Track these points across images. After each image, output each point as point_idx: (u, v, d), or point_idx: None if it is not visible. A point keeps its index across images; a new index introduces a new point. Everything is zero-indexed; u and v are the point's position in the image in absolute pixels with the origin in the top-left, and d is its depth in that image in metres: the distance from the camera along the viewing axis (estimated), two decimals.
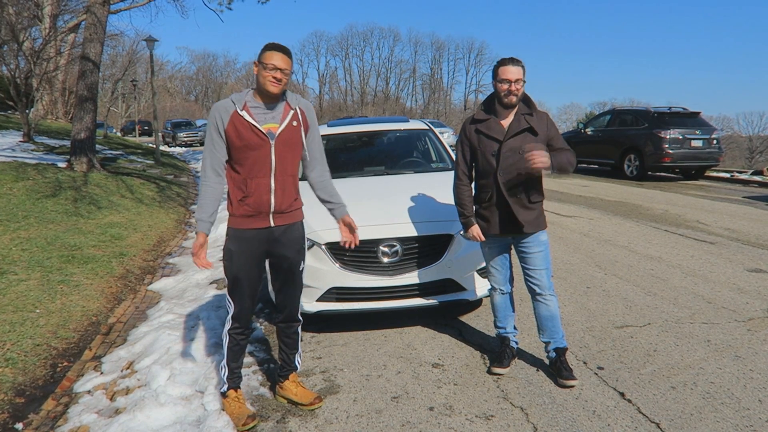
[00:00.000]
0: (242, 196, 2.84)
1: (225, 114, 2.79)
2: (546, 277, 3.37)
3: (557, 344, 3.40)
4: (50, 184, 8.96)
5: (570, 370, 3.33)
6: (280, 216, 2.93)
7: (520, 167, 3.19)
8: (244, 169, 2.83)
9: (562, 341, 3.41)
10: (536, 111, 3.29)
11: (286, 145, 2.86)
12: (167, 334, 4.07)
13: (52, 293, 4.85)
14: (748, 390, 3.16)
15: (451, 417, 3.01)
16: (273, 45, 2.79)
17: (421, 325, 4.30)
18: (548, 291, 3.37)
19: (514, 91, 3.16)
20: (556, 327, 3.40)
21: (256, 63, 2.80)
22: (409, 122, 6.35)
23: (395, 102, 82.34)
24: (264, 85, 2.78)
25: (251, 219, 2.88)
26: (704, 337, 3.91)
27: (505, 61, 3.18)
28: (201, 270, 5.79)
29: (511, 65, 3.15)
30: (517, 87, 3.16)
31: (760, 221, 7.98)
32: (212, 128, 2.81)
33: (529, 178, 3.25)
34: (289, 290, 3.12)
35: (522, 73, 3.17)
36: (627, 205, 9.47)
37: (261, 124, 2.80)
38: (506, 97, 3.17)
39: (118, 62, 34.27)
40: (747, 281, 5.13)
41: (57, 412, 3.23)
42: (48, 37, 17.19)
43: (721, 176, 14.00)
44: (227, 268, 2.96)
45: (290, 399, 3.22)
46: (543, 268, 3.36)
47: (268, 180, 2.85)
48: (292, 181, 2.95)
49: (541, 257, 3.35)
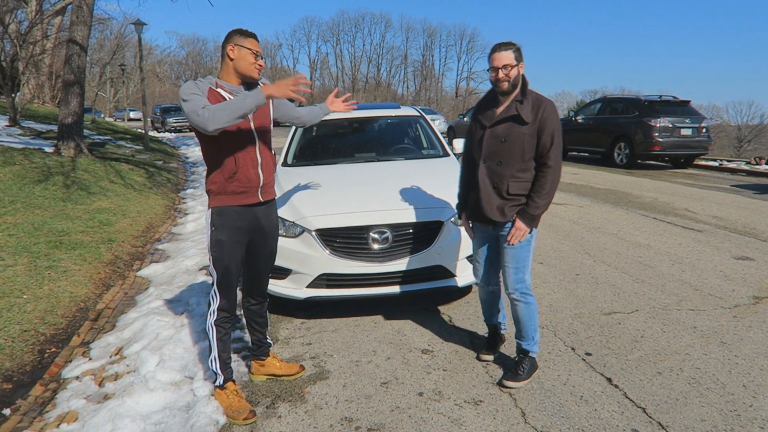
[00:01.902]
0: (231, 173, 2.83)
1: (203, 88, 2.74)
2: (511, 276, 3.15)
3: (522, 344, 3.28)
4: (37, 169, 8.85)
5: (516, 375, 3.20)
6: (266, 191, 3.00)
7: (501, 156, 3.06)
8: (229, 147, 2.81)
9: (525, 344, 3.26)
10: (531, 98, 3.04)
11: (261, 119, 2.93)
12: (156, 320, 4.05)
13: (40, 279, 4.82)
14: (732, 375, 3.21)
15: (440, 402, 3.03)
16: (249, 31, 2.83)
17: (411, 311, 4.31)
18: (512, 291, 3.17)
19: (503, 78, 2.98)
20: (521, 329, 3.25)
21: (232, 46, 2.78)
22: (400, 109, 6.32)
23: (386, 89, 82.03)
24: (250, 72, 2.83)
25: (241, 196, 2.89)
26: (691, 323, 3.95)
27: (494, 48, 3.02)
28: (191, 256, 5.77)
29: (500, 51, 2.99)
30: (506, 73, 2.97)
31: (747, 209, 8.05)
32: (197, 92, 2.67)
33: (516, 172, 3.05)
34: (265, 270, 3.21)
35: (512, 58, 2.98)
36: (616, 193, 9.52)
37: None
38: (497, 84, 3.04)
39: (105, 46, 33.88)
40: (733, 269, 5.19)
41: (45, 398, 3.22)
42: (34, 20, 16.90)
43: (710, 165, 14.11)
44: (218, 260, 2.91)
45: (274, 374, 3.32)
46: (508, 266, 3.14)
47: (254, 155, 2.90)
48: (271, 155, 3.02)
49: (509, 253, 3.13)
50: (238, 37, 2.80)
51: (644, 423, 2.77)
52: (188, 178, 13.05)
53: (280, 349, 3.74)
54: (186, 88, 2.71)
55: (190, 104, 2.61)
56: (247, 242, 3.00)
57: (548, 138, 3.00)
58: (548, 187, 3.03)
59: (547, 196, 3.03)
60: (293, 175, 4.81)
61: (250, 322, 3.30)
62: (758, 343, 3.61)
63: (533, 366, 3.27)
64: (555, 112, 3.04)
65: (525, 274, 3.17)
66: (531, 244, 3.15)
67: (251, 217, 2.96)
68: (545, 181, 3.02)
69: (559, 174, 3.06)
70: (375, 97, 76.92)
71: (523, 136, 3.02)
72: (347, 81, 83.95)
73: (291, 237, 3.95)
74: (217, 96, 2.76)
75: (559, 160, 3.04)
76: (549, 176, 3.02)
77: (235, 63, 2.80)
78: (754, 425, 2.72)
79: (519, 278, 3.16)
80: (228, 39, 2.82)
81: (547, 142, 3.00)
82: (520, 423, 2.82)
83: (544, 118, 3.00)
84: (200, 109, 2.57)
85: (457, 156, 5.51)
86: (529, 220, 3.06)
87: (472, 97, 77.28)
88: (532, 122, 3.01)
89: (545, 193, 3.03)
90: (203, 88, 2.74)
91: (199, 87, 2.73)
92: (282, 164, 5.27)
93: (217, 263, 2.93)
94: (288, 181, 4.61)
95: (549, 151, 3.01)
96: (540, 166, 3.05)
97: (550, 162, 3.02)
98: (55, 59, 22.88)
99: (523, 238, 3.08)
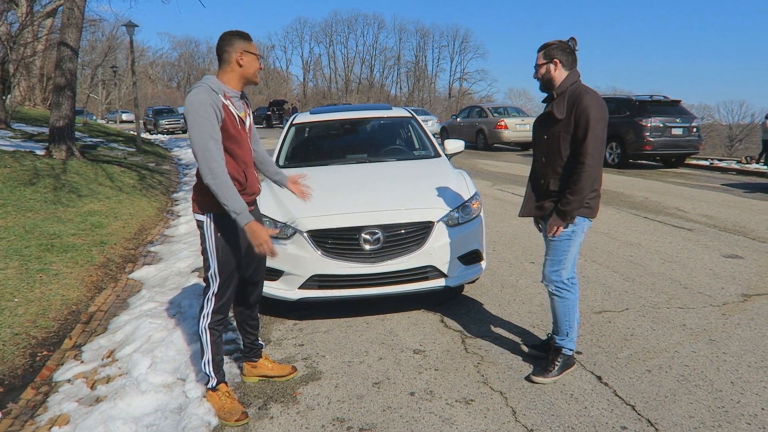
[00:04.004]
0: (241, 187, 2.81)
1: (218, 103, 2.66)
2: (547, 267, 3.23)
3: (555, 339, 3.31)
4: (28, 171, 8.82)
5: (545, 370, 3.23)
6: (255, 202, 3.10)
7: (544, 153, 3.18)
8: (239, 160, 2.80)
9: (559, 339, 3.28)
10: (569, 93, 3.05)
11: (251, 133, 2.96)
12: (148, 323, 4.05)
13: (31, 282, 4.80)
14: (720, 372, 3.24)
15: (432, 402, 3.05)
16: (247, 33, 2.79)
17: (403, 311, 4.33)
18: (547, 282, 3.25)
19: (536, 77, 3.16)
20: (555, 322, 3.30)
21: (241, 52, 2.72)
22: (392, 110, 6.34)
23: (380, 90, 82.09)
24: (255, 78, 2.82)
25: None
26: (680, 321, 3.99)
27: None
28: (183, 258, 5.77)
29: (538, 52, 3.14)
30: (537, 72, 3.13)
31: (737, 208, 8.12)
32: (212, 117, 2.62)
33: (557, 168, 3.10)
34: (261, 273, 3.23)
35: (541, 56, 3.10)
36: (608, 193, 9.57)
37: (238, 113, 2.81)
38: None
39: (97, 48, 33.76)
40: (723, 267, 5.23)
41: (37, 401, 3.21)
42: (25, 21, 16.82)
43: (701, 164, 14.20)
44: (225, 264, 2.87)
45: (266, 375, 3.34)
46: (546, 257, 3.25)
47: (253, 168, 2.94)
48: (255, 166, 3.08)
49: (548, 245, 3.23)
50: (243, 43, 2.73)
51: (633, 420, 2.80)
52: (181, 180, 13.02)
53: (272, 351, 3.75)
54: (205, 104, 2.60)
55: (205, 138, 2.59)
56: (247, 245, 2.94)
57: (582, 132, 2.96)
58: (581, 184, 2.96)
59: (579, 192, 2.98)
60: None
61: (242, 324, 3.30)
62: (746, 340, 3.65)
63: (566, 363, 3.26)
64: (594, 106, 2.95)
65: (561, 268, 3.19)
66: (572, 239, 3.15)
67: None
68: (577, 177, 2.97)
69: (595, 171, 2.98)
70: (368, 98, 76.93)
71: (558, 132, 3.06)
72: (340, 82, 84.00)
73: (283, 238, 3.96)
74: (228, 113, 2.71)
75: (596, 156, 2.95)
76: (582, 173, 2.96)
77: (244, 70, 2.76)
78: (741, 421, 2.75)
79: (553, 270, 3.21)
80: (231, 44, 2.72)
81: (581, 136, 2.96)
82: (511, 421, 2.84)
83: (579, 113, 2.96)
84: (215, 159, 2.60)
85: (448, 157, 5.53)
86: (561, 215, 3.06)
87: (465, 97, 77.45)
88: (567, 118, 3.01)
89: (577, 190, 2.97)
90: (219, 104, 2.65)
91: (216, 105, 2.64)
92: None
93: (223, 267, 2.88)
94: None
95: (583, 147, 2.95)
96: (576, 162, 3.00)
97: (583, 158, 2.95)
98: (46, 61, 22.78)
99: (558, 233, 3.11)
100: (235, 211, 2.65)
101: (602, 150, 3.01)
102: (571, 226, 3.11)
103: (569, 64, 3.09)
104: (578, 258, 3.38)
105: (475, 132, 20.31)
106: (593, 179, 2.99)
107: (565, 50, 3.08)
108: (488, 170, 13.42)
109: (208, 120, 2.60)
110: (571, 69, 3.09)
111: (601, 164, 3.03)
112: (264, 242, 2.68)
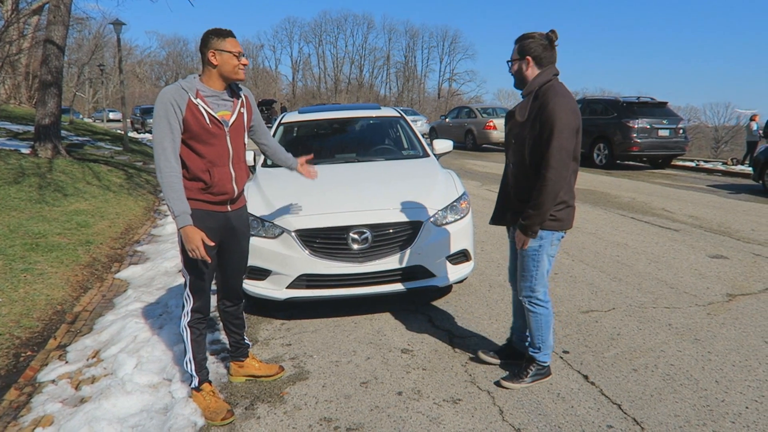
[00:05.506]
0: (205, 186, 2.79)
1: (181, 101, 2.68)
2: (519, 281, 3.06)
3: (529, 349, 3.21)
4: (13, 170, 8.71)
5: (515, 376, 3.16)
6: (238, 202, 3.01)
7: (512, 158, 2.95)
8: (204, 159, 2.77)
9: (532, 351, 3.18)
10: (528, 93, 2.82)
11: (237, 132, 2.89)
12: (134, 323, 4.02)
13: (15, 282, 4.74)
14: (705, 371, 3.27)
15: (419, 401, 3.05)
16: (227, 31, 2.76)
17: (391, 311, 4.32)
18: (521, 296, 3.09)
19: (511, 73, 2.90)
20: (530, 335, 3.16)
21: (213, 51, 2.72)
22: (380, 109, 6.33)
23: (369, 90, 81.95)
24: (235, 74, 2.78)
25: (212, 204, 2.86)
26: (666, 321, 4.02)
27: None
28: (170, 258, 5.73)
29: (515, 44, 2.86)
30: (511, 68, 2.89)
31: (722, 209, 8.20)
32: (170, 114, 2.66)
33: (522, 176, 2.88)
34: (239, 271, 3.19)
35: (515, 51, 2.83)
36: (595, 193, 9.63)
37: (216, 112, 2.77)
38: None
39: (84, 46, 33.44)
40: (708, 267, 5.28)
41: (20, 402, 3.17)
42: (10, 19, 16.59)
43: (687, 165, 14.35)
44: (190, 263, 2.86)
45: (253, 375, 3.32)
46: (518, 271, 3.06)
47: (227, 168, 2.86)
48: (245, 167, 2.99)
49: (519, 257, 3.00)
50: (216, 41, 2.72)
51: (619, 419, 2.81)
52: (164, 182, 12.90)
53: (259, 350, 3.73)
54: (164, 102, 2.66)
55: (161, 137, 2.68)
56: (218, 243, 2.94)
57: (546, 141, 2.68)
58: (542, 198, 2.70)
59: (539, 207, 2.72)
60: (273, 175, 4.79)
61: (227, 324, 3.28)
62: (731, 339, 3.69)
63: (538, 373, 3.16)
64: (560, 113, 2.65)
65: (533, 283, 2.99)
66: (539, 253, 2.91)
67: (222, 218, 2.91)
68: (538, 191, 2.72)
69: (558, 185, 2.68)
70: (357, 98, 76.82)
71: (524, 137, 2.81)
72: (329, 82, 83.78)
73: (270, 238, 3.94)
74: (194, 111, 2.69)
75: (559, 168, 2.66)
76: (542, 186, 2.69)
77: (219, 69, 2.74)
78: (726, 419, 2.78)
79: (525, 286, 3.03)
80: (206, 44, 2.73)
81: (544, 144, 2.69)
82: (498, 421, 2.84)
83: (544, 119, 2.68)
84: (168, 159, 2.68)
85: (437, 156, 5.53)
86: (521, 229, 2.84)
87: (454, 98, 77.54)
88: (530, 121, 2.76)
89: (537, 204, 2.73)
90: (181, 102, 2.67)
91: (176, 102, 2.66)
92: (262, 165, 5.24)
93: (189, 266, 2.88)
94: (268, 181, 4.60)
95: (545, 158, 2.68)
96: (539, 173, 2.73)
97: (544, 170, 2.68)
98: (32, 59, 22.53)
99: (524, 246, 2.89)
100: (174, 212, 2.69)
101: (568, 162, 2.69)
102: (538, 239, 2.87)
103: (546, 60, 2.80)
104: (565, 258, 3.38)
105: (464, 132, 20.39)
106: (556, 193, 2.70)
107: (542, 45, 2.79)
108: (477, 170, 13.46)
109: (166, 120, 2.67)
110: (546, 66, 2.81)
111: (566, 177, 2.73)
112: (196, 248, 2.69)
